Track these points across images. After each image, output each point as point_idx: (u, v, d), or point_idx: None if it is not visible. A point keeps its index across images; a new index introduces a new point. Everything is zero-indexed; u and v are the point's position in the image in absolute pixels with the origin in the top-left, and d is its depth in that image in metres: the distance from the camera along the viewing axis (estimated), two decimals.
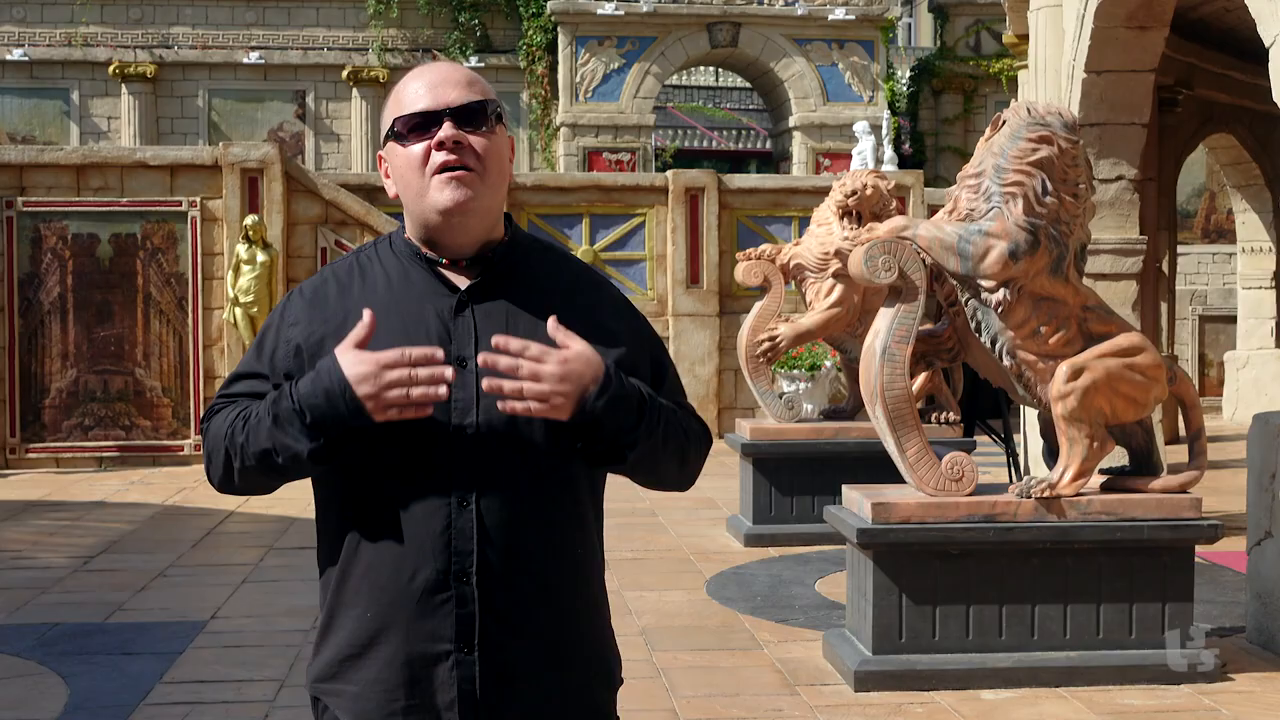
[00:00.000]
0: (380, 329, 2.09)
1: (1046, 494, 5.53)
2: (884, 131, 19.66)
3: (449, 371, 2.03)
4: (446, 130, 2.11)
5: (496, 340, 2.05)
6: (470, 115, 2.14)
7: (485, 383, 2.04)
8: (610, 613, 2.32)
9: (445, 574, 2.09)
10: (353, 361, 2.04)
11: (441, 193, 2.12)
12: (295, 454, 2.07)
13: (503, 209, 2.23)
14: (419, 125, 2.13)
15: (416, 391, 2.01)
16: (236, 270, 12.36)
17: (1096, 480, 5.74)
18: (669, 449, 2.19)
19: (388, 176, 2.21)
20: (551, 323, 2.09)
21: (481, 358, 2.07)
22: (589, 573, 2.24)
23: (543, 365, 2.03)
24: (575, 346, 2.07)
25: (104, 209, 12.71)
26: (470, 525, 2.09)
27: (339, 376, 2.04)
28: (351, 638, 2.14)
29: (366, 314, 2.07)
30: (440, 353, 2.04)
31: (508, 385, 2.03)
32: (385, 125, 2.18)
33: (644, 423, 2.12)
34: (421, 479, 2.09)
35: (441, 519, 2.09)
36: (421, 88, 2.15)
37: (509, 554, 2.10)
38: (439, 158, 2.12)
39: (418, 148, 2.13)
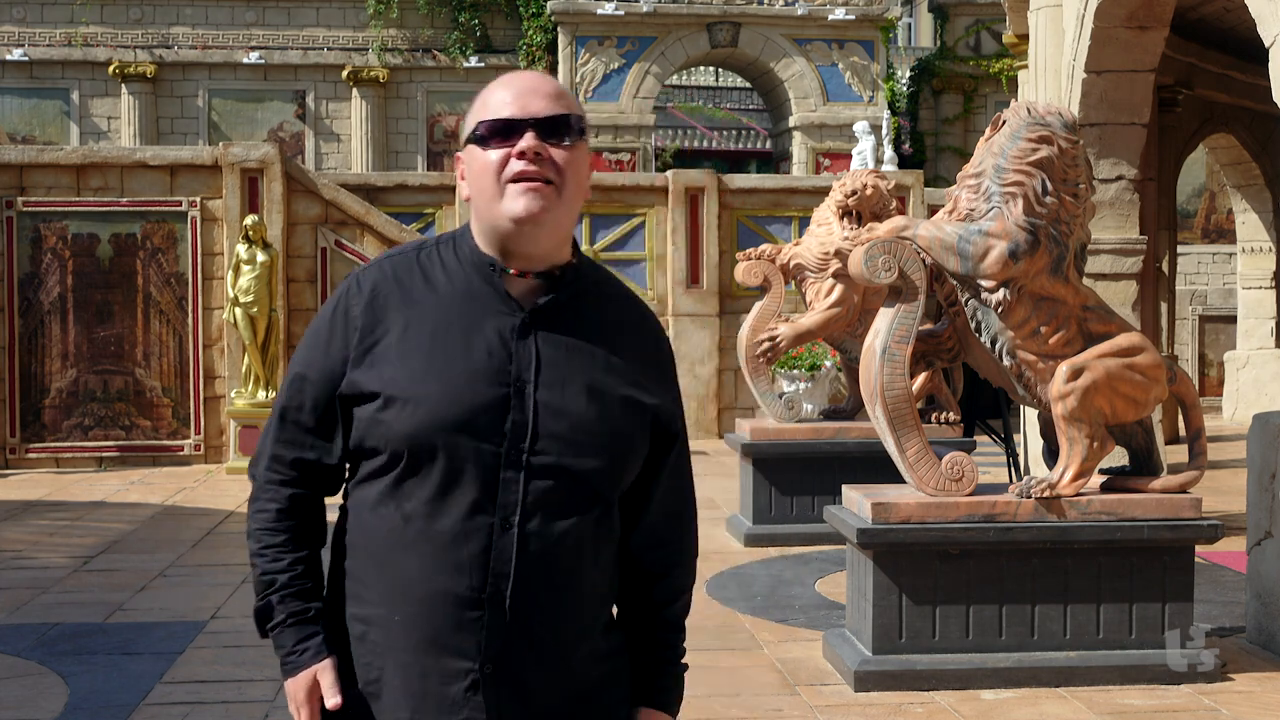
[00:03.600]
0: (442, 340, 2.11)
1: (1046, 494, 5.53)
2: (884, 131, 19.65)
3: None
4: (528, 140, 2.11)
5: None
6: (555, 127, 2.13)
7: None
8: None
9: (480, 593, 2.07)
10: (300, 686, 2.16)
11: (516, 201, 2.11)
12: (261, 631, 2.24)
13: (574, 227, 2.21)
14: (501, 131, 2.12)
15: None
16: (236, 270, 12.34)
17: (1096, 480, 5.74)
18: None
19: (463, 179, 2.20)
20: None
21: None
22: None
23: None
24: None
25: (104, 209, 12.70)
26: (510, 547, 2.08)
27: (287, 674, 2.18)
28: (366, 633, 2.14)
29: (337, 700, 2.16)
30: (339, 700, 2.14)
31: None
32: (468, 128, 2.17)
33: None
34: (467, 496, 2.08)
35: (482, 538, 2.08)
36: (508, 95, 2.14)
37: (545, 581, 2.09)
38: (517, 166, 2.11)
39: (497, 153, 2.12)
